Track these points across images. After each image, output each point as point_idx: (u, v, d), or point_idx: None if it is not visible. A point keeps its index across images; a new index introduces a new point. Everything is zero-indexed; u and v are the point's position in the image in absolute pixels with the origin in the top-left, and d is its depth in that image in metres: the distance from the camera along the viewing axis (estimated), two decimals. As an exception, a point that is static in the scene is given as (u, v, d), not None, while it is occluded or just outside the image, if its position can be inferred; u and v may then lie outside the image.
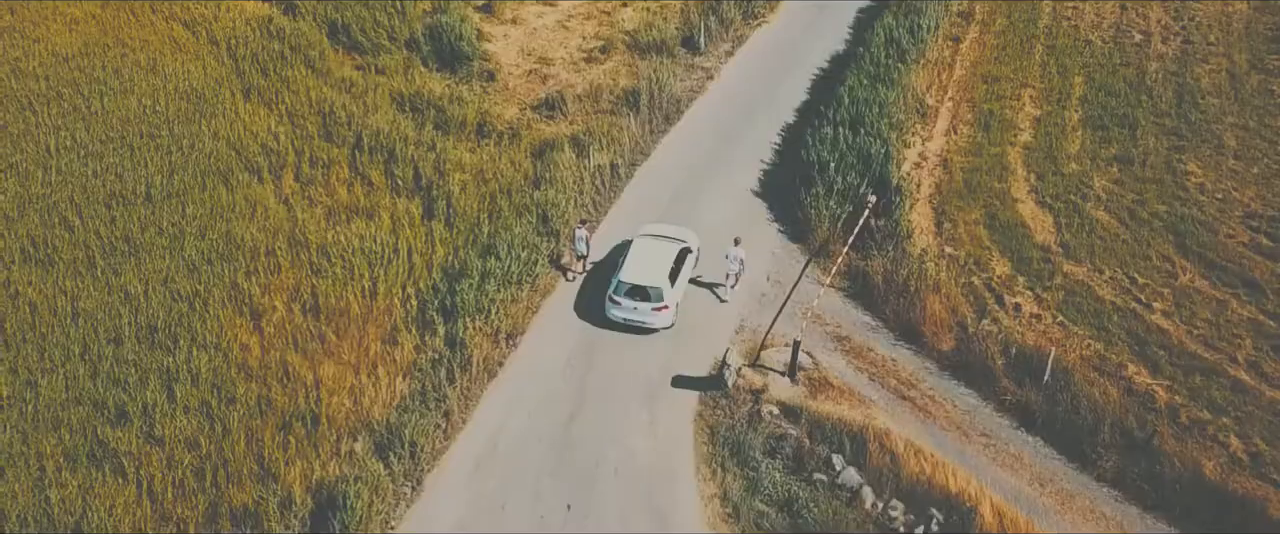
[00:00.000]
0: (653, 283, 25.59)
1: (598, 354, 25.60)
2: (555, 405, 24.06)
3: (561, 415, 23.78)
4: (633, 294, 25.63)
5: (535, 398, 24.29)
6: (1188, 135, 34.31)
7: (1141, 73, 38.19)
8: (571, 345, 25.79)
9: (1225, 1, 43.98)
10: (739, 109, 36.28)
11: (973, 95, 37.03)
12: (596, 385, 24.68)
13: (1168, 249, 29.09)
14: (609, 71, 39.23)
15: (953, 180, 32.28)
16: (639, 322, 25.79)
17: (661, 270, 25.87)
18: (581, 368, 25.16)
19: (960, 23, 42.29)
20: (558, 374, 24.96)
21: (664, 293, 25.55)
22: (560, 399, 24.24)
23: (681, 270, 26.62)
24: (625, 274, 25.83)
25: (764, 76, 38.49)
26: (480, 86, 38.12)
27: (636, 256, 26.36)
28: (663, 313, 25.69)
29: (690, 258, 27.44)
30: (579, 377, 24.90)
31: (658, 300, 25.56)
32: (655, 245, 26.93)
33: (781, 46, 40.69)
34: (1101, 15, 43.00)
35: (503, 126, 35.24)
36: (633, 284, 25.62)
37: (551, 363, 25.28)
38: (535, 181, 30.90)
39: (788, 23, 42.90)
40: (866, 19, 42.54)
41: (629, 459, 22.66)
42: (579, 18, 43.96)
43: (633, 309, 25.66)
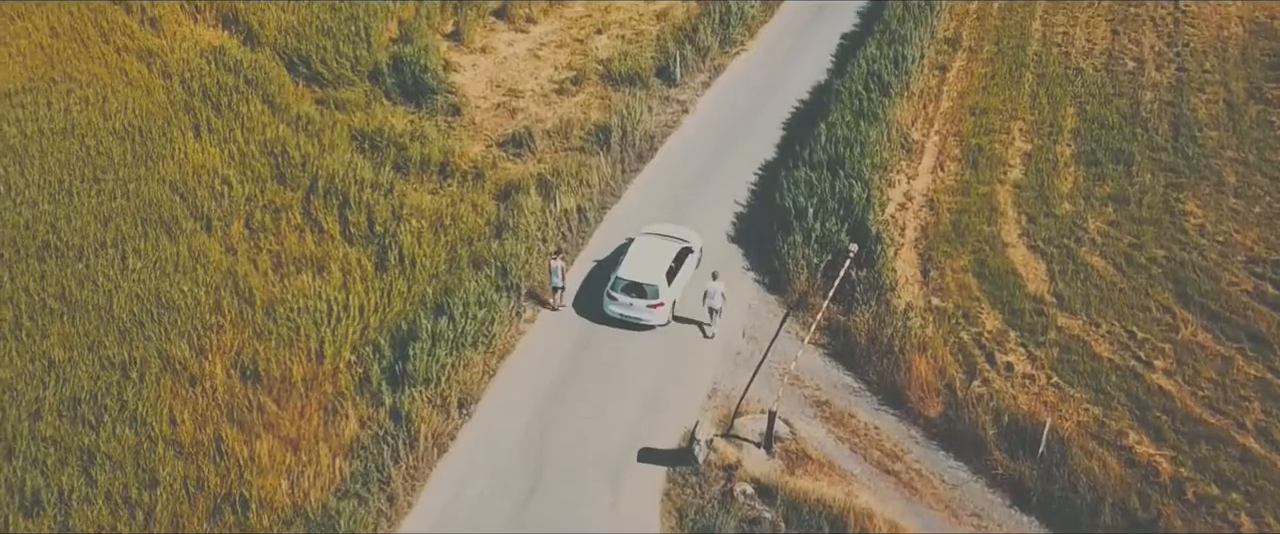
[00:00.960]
0: (649, 280, 25.63)
1: (558, 422, 23.59)
2: (510, 484, 22.02)
3: (516, 495, 21.75)
4: (629, 290, 25.69)
5: (488, 474, 22.25)
6: (1185, 171, 32.46)
7: (1135, 103, 36.36)
8: (529, 413, 23.76)
9: (1220, 25, 42.22)
10: (715, 146, 34.33)
11: (960, 129, 35.15)
12: (556, 460, 22.65)
13: (1168, 298, 27.19)
14: (581, 104, 37.29)
15: (939, 223, 30.37)
16: (635, 318, 25.82)
17: (659, 268, 25.95)
18: (539, 439, 23.14)
19: (947, 50, 40.43)
20: (514, 448, 22.93)
21: (660, 290, 25.56)
22: (515, 476, 22.21)
23: (681, 269, 26.63)
24: (623, 270, 25.94)
25: (741, 110, 36.56)
26: (445, 121, 36.13)
27: (636, 254, 26.53)
28: (658, 310, 25.70)
29: (691, 258, 27.38)
30: (536, 450, 22.87)
31: (654, 297, 25.55)
32: (656, 243, 27.05)
33: (760, 77, 38.77)
34: (1093, 41, 41.19)
35: (467, 165, 33.24)
36: (630, 280, 25.69)
37: (507, 435, 23.25)
38: (497, 229, 28.87)
39: (767, 50, 41.01)
40: (850, 45, 40.68)
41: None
42: (551, 46, 42.03)
43: (629, 305, 25.74)
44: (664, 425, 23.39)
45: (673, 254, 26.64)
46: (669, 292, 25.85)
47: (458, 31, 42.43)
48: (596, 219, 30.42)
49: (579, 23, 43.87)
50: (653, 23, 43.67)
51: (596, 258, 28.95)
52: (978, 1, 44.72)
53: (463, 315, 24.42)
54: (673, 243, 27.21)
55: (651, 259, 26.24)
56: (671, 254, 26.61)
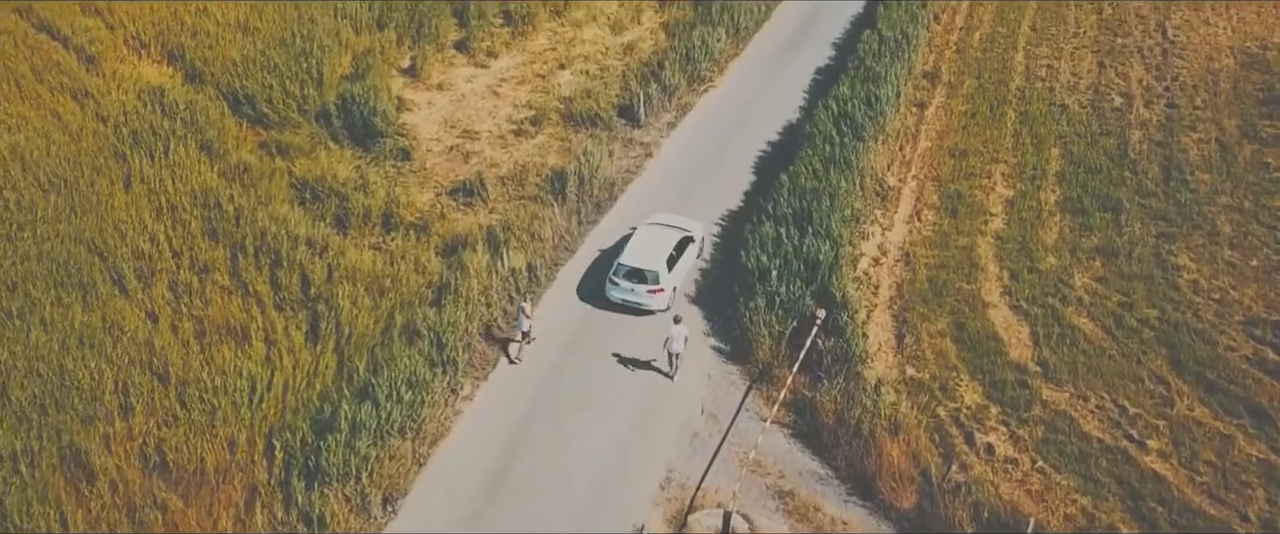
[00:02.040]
0: (650, 266, 26.33)
1: (491, 521, 21.20)
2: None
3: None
4: (631, 276, 26.37)
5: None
6: (1177, 220, 30.27)
7: (1123, 143, 34.20)
8: (459, 510, 21.38)
9: (1210, 56, 40.13)
10: (678, 194, 32.03)
11: (939, 173, 32.92)
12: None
13: (1161, 366, 24.95)
14: (539, 147, 34.99)
15: (916, 280, 28.11)
16: (636, 302, 26.52)
17: (660, 255, 26.62)
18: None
19: (925, 86, 38.25)
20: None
21: (660, 276, 26.25)
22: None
23: (682, 257, 27.28)
24: (625, 257, 26.69)
25: (707, 153, 34.29)
26: (394, 166, 33.79)
27: (638, 241, 27.23)
28: (658, 295, 26.38)
29: (692, 247, 27.99)
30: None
31: (654, 283, 26.24)
32: (658, 232, 27.72)
33: (729, 117, 36.53)
34: (1078, 74, 39.05)
35: (413, 217, 30.90)
36: (631, 267, 26.41)
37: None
38: (436, 295, 26.51)
39: (737, 87, 38.78)
40: (824, 80, 38.50)
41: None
42: (512, 82, 39.76)
43: (630, 290, 26.43)
44: (610, 523, 21.03)
45: (674, 242, 27.24)
46: (669, 278, 26.52)
47: (413, 67, 40.12)
48: (547, 277, 28.08)
49: (542, 57, 41.62)
50: (619, 57, 41.45)
51: (601, 247, 29.54)
52: (958, 33, 42.60)
53: (388, 399, 22.03)
54: (674, 232, 27.76)
55: (653, 246, 26.91)
56: (673, 242, 27.21)
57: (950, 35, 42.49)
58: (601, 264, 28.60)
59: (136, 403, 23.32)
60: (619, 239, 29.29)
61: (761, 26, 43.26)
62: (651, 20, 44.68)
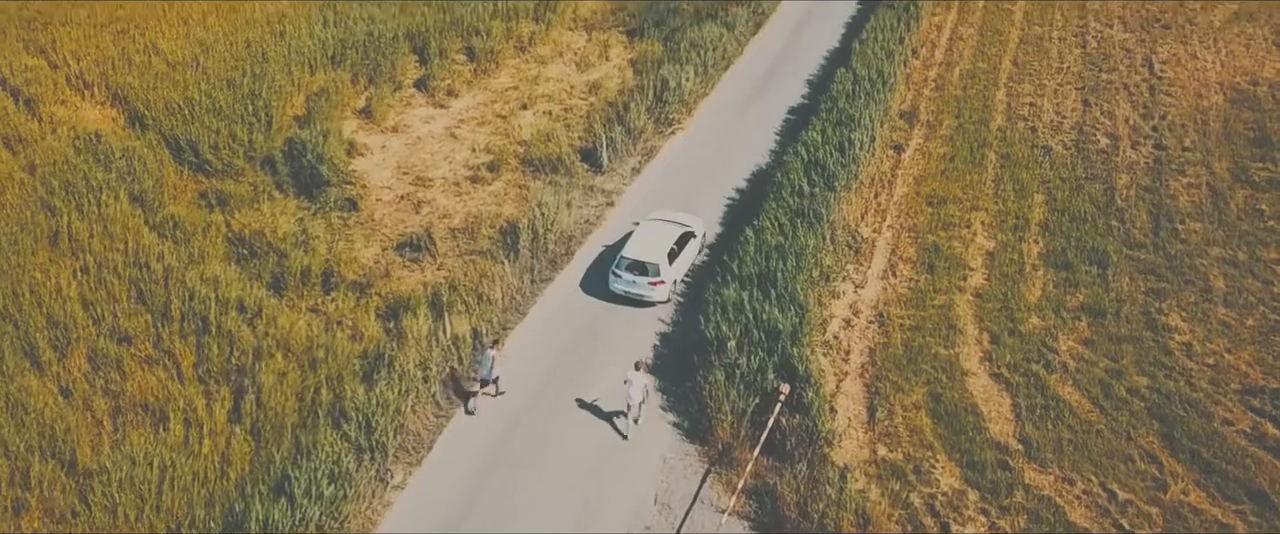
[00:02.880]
0: (651, 259, 26.90)
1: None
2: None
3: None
4: (633, 269, 26.93)
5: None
6: (1167, 274, 28.26)
7: (1110, 189, 32.23)
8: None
9: (1198, 93, 38.26)
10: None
11: (916, 222, 30.89)
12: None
13: (1153, 443, 22.87)
14: (495, 195, 32.91)
15: (890, 343, 26.02)
16: (638, 294, 27.04)
17: (661, 249, 27.16)
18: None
19: (902, 127, 36.27)
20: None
21: (661, 269, 26.80)
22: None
23: (683, 252, 27.79)
24: (627, 251, 27.27)
25: (672, 203, 32.20)
26: (340, 218, 31.66)
27: (640, 235, 27.79)
28: (659, 287, 26.92)
29: (693, 241, 28.49)
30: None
31: (655, 275, 26.80)
32: (659, 227, 28.24)
33: (696, 162, 34.49)
34: (1062, 113, 37.13)
35: (356, 274, 28.77)
36: (633, 259, 26.95)
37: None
38: (372, 366, 24.34)
39: (706, 129, 36.77)
40: (797, 122, 36.53)
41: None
42: (471, 123, 37.71)
43: (632, 283, 26.98)
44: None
45: (675, 237, 27.76)
46: (670, 271, 27.10)
47: (368, 108, 38.05)
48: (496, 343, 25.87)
49: (505, 96, 39.60)
50: (584, 96, 39.45)
51: (605, 243, 30.04)
52: (937, 69, 40.69)
53: (306, 495, 19.84)
54: (675, 227, 28.30)
55: (654, 240, 27.48)
56: (674, 237, 27.74)
57: (929, 71, 40.57)
58: (617, 248, 28.96)
59: (33, 498, 21.08)
60: (622, 235, 29.69)
61: (733, 63, 41.31)
62: (620, 55, 42.73)
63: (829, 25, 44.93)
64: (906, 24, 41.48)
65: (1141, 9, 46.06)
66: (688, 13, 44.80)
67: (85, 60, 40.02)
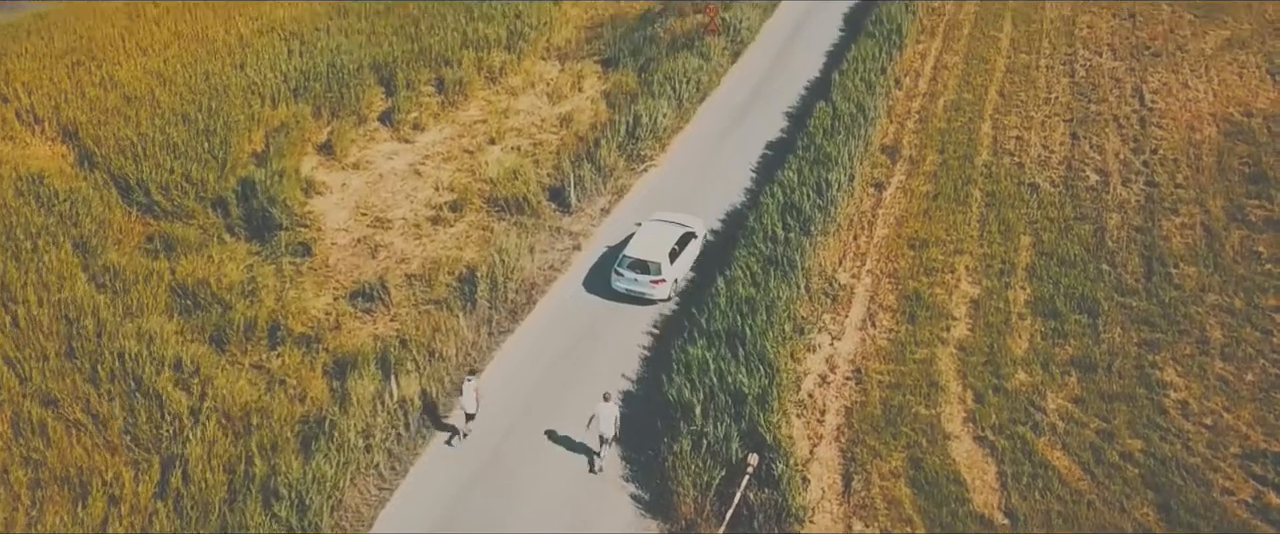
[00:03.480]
0: (653, 258, 27.30)
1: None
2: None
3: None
4: (634, 267, 27.31)
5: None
6: (1162, 324, 26.61)
7: (1100, 229, 30.63)
8: None
9: (1191, 125, 36.73)
10: (604, 298, 28.21)
11: (896, 267, 29.24)
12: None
13: (1149, 515, 21.17)
14: (457, 238, 31.22)
15: (868, 403, 24.32)
16: (639, 292, 27.43)
17: (663, 248, 27.55)
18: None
19: (884, 162, 34.66)
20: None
21: (662, 267, 27.21)
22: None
23: (683, 251, 28.14)
24: (630, 250, 27.62)
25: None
26: (292, 263, 29.93)
27: (642, 235, 28.16)
28: (660, 286, 27.31)
29: (694, 241, 28.87)
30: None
31: (656, 273, 27.20)
32: (661, 227, 28.62)
33: (669, 202, 32.80)
34: (1050, 148, 35.56)
35: (305, 327, 27.03)
36: (635, 258, 27.34)
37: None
38: (312, 431, 22.56)
39: (680, 165, 35.14)
40: (774, 157, 34.93)
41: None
42: (437, 159, 36.06)
43: (634, 281, 27.37)
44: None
45: (676, 237, 28.10)
46: (671, 269, 27.43)
47: (329, 143, 36.38)
48: (446, 406, 24.14)
49: (473, 129, 37.97)
50: (555, 129, 37.83)
51: (608, 244, 30.31)
52: (920, 100, 39.13)
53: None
54: (676, 227, 28.61)
55: (656, 240, 27.85)
56: (675, 237, 28.07)
57: (912, 102, 39.01)
58: (619, 248, 29.19)
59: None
60: (625, 237, 30.03)
61: (710, 94, 39.71)
62: (594, 86, 41.15)
63: (810, 53, 43.41)
64: (889, 53, 39.96)
65: (1131, 36, 44.62)
66: (664, 41, 43.25)
67: (37, 93, 38.42)
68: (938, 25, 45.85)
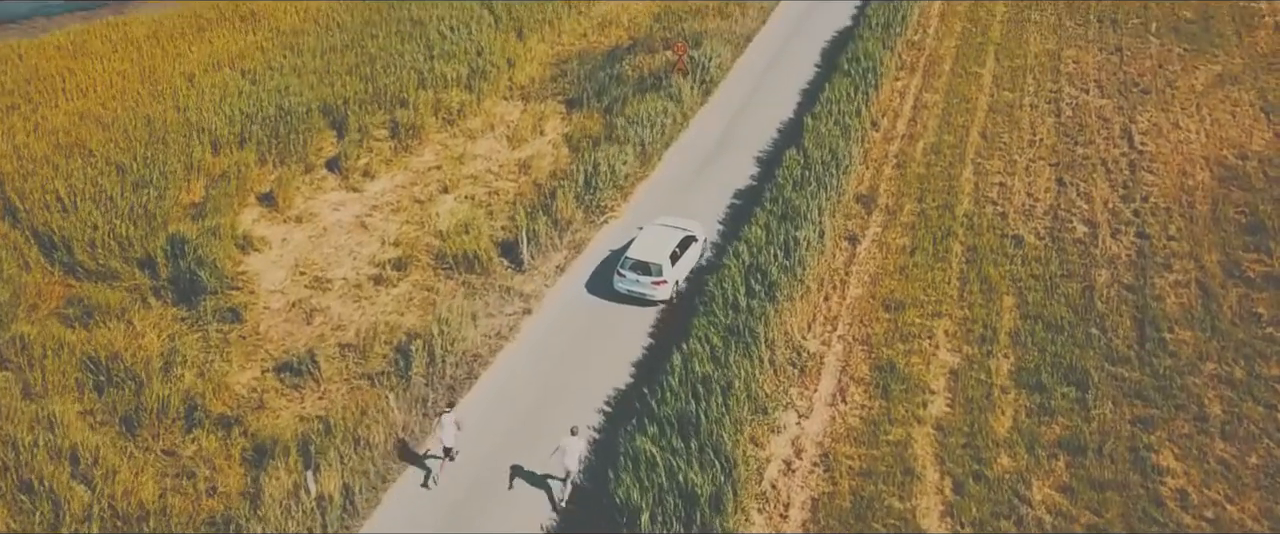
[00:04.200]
0: (654, 260, 27.75)
1: None
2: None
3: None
4: (636, 269, 27.73)
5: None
6: (1156, 398, 24.36)
7: (1088, 288, 28.41)
8: None
9: (1183, 170, 34.61)
10: (553, 373, 25.87)
11: (870, 333, 26.96)
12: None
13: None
14: (399, 300, 28.89)
15: (837, 493, 21.98)
16: (641, 293, 27.81)
17: (664, 250, 28.03)
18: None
19: (859, 213, 32.43)
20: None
21: (664, 269, 27.67)
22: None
23: (685, 254, 28.63)
24: (631, 252, 28.10)
25: (597, 311, 28.23)
26: (219, 331, 27.55)
27: (644, 238, 28.65)
28: (661, 287, 27.72)
29: (695, 245, 29.30)
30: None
31: (657, 275, 27.65)
32: (662, 231, 29.05)
33: (628, 258, 30.50)
34: (1035, 195, 33.37)
35: (226, 406, 24.64)
36: (637, 260, 27.80)
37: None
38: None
39: (643, 217, 32.81)
40: (743, 206, 32.70)
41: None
42: (386, 209, 33.75)
43: (635, 282, 27.76)
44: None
45: (677, 240, 28.51)
46: (672, 272, 27.90)
47: (272, 194, 34.05)
48: (367, 503, 21.73)
49: (426, 177, 35.69)
50: (513, 176, 35.57)
51: (612, 247, 30.81)
52: (899, 143, 36.95)
53: None
54: (677, 231, 29.08)
55: (657, 242, 28.32)
56: (676, 240, 28.50)
57: (890, 145, 36.83)
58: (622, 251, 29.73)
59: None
60: (628, 241, 30.59)
61: (677, 138, 37.50)
62: (557, 129, 38.92)
63: (783, 92, 41.27)
64: (865, 93, 37.82)
65: (1119, 71, 42.57)
66: (631, 80, 41.08)
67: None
68: (917, 61, 43.78)
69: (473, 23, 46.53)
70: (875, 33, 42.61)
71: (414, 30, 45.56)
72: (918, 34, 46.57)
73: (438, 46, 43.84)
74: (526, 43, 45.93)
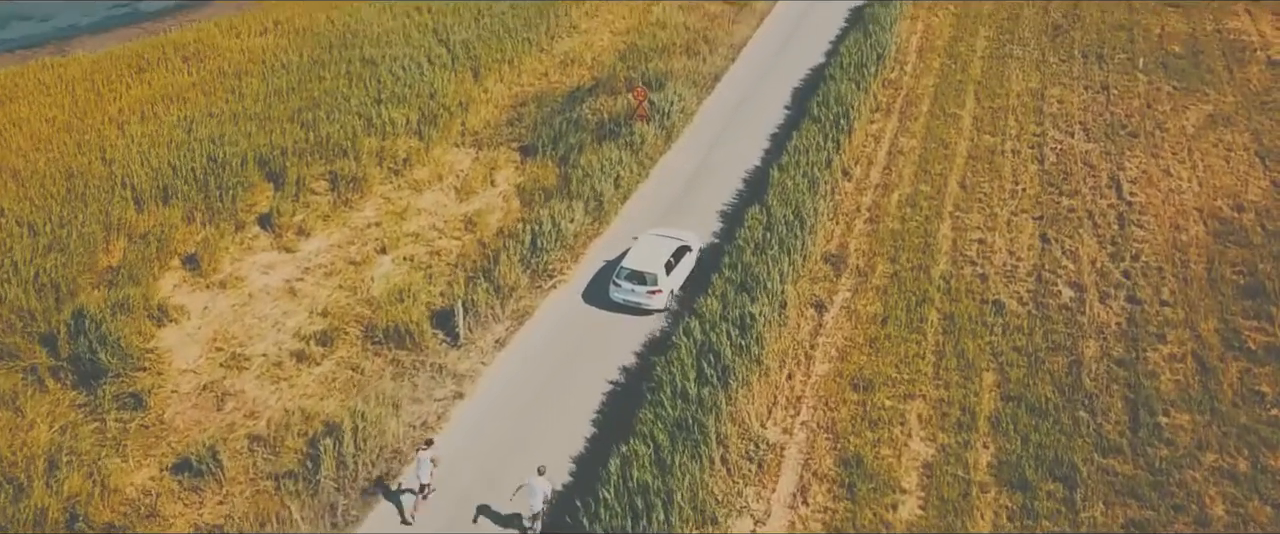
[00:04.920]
0: (649, 269, 27.91)
1: None
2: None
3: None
4: (632, 278, 27.89)
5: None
6: (1152, 498, 21.78)
7: (1075, 363, 25.86)
8: None
9: (1175, 224, 32.15)
10: (484, 472, 23.11)
11: (836, 418, 24.32)
12: None
13: None
14: (322, 381, 26.18)
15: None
16: (636, 302, 27.89)
17: (659, 260, 28.23)
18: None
19: (827, 274, 29.83)
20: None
21: (659, 278, 27.79)
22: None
23: (679, 264, 28.87)
24: (627, 262, 28.28)
25: (536, 394, 25.53)
26: (119, 420, 24.75)
27: (639, 248, 28.88)
28: (656, 296, 27.83)
29: (690, 255, 29.56)
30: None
31: (653, 284, 27.77)
32: (657, 241, 29.35)
33: (575, 331, 27.85)
34: (1017, 253, 30.83)
35: (114, 513, 21.85)
36: (632, 269, 27.95)
37: None
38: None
39: (593, 284, 30.15)
40: (700, 274, 29.99)
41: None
42: (318, 273, 31.07)
43: (631, 291, 27.89)
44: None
45: (672, 250, 28.77)
46: (666, 281, 28.08)
47: (195, 256, 31.32)
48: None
49: (365, 235, 33.00)
50: (458, 233, 32.93)
51: (607, 258, 30.75)
52: (872, 193, 34.40)
53: None
54: (672, 241, 29.40)
55: (652, 252, 28.54)
56: (671, 250, 28.75)
57: (863, 196, 34.26)
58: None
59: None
60: (623, 251, 30.41)
61: (635, 190, 34.90)
62: (509, 179, 36.30)
63: (750, 139, 38.65)
64: (836, 140, 35.31)
65: (1105, 112, 40.17)
66: (591, 125, 38.53)
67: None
68: (893, 101, 41.31)
69: (428, 62, 43.96)
70: (848, 73, 40.13)
71: (364, 71, 42.97)
72: (894, 71, 44.13)
73: (388, 89, 41.25)
74: (484, 83, 43.35)
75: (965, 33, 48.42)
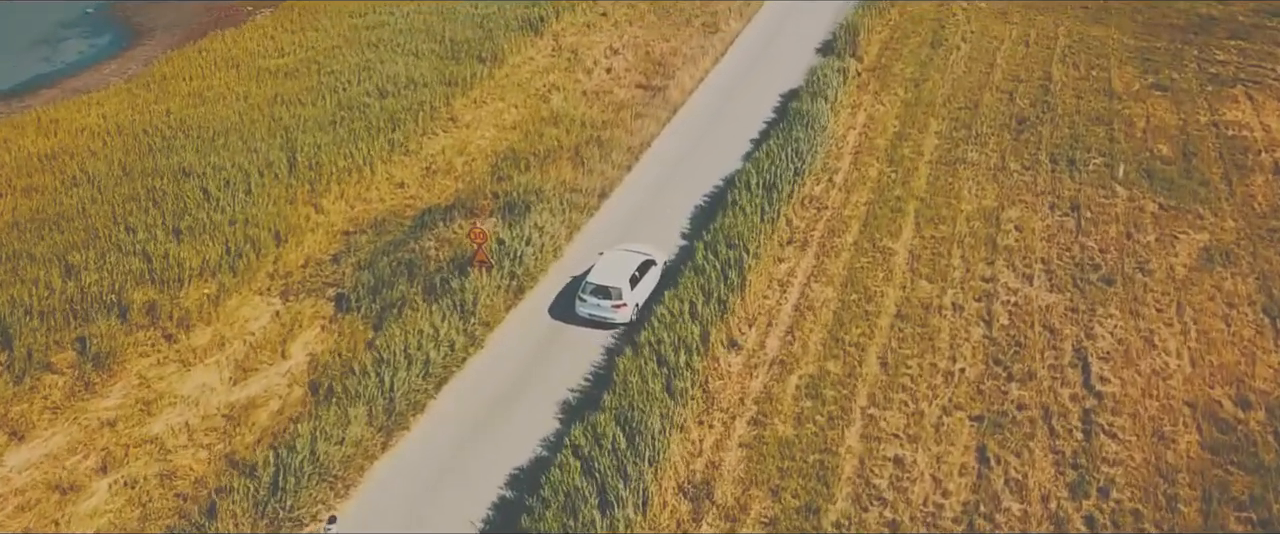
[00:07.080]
0: (614, 283, 27.67)
1: None
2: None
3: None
4: (597, 293, 27.59)
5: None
6: None
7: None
8: None
9: (1160, 433, 23.74)
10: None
11: None
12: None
13: None
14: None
15: None
16: (602, 317, 27.60)
17: (623, 275, 27.93)
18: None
19: (684, 519, 21.30)
20: None
21: (624, 292, 27.51)
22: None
23: (644, 278, 28.61)
24: (592, 276, 28.01)
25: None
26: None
27: (604, 263, 28.60)
28: (622, 310, 27.54)
29: (654, 269, 29.31)
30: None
31: (618, 298, 27.48)
32: (622, 256, 29.05)
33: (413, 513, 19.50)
34: (944, 482, 22.43)
35: None
36: (597, 284, 27.70)
37: None
38: None
39: (450, 439, 21.70)
40: (504, 521, 21.56)
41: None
42: (10, 507, 22.64)
43: (597, 306, 27.58)
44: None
45: (636, 264, 28.42)
46: (631, 295, 27.68)
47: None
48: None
49: (93, 439, 24.68)
50: (217, 437, 24.57)
51: (573, 273, 29.41)
52: (763, 376, 25.96)
53: None
54: (636, 255, 28.95)
55: (617, 267, 28.20)
56: (635, 264, 28.41)
57: (750, 380, 25.84)
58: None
59: None
60: (588, 267, 29.04)
61: (455, 375, 26.44)
62: (311, 345, 28.04)
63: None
64: (720, 300, 26.96)
65: (1074, 244, 31.82)
66: (432, 264, 30.30)
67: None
68: (813, 228, 32.92)
69: (259, 174, 35.76)
70: (755, 196, 31.79)
71: (171, 187, 34.75)
72: (821, 183, 35.76)
73: (191, 215, 33.01)
74: (322, 201, 35.12)
75: (913, 127, 40.16)
